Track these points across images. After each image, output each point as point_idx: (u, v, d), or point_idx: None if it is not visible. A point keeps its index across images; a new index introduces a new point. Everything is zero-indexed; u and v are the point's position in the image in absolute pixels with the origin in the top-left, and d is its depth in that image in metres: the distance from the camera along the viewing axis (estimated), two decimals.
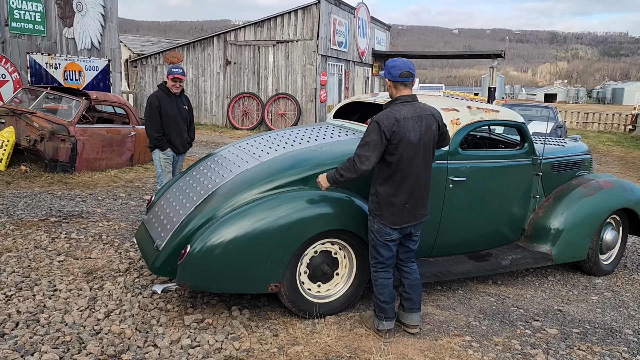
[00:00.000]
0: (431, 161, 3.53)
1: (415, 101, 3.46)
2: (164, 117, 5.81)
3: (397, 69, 3.41)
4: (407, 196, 3.43)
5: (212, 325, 3.69)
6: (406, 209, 3.44)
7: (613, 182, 5.13)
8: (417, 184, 3.44)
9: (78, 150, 8.07)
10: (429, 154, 3.50)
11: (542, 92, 76.37)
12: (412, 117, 3.38)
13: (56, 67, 10.11)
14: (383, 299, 3.55)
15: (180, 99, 5.99)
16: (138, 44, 19.98)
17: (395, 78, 3.42)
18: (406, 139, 3.34)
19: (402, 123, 3.33)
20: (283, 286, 3.68)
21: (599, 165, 12.92)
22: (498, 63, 19.38)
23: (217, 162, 4.41)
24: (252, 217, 3.54)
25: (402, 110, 3.37)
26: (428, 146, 3.46)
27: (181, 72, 5.87)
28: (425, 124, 3.43)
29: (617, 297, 4.64)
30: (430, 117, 3.46)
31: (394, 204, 3.43)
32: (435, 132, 3.50)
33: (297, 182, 3.80)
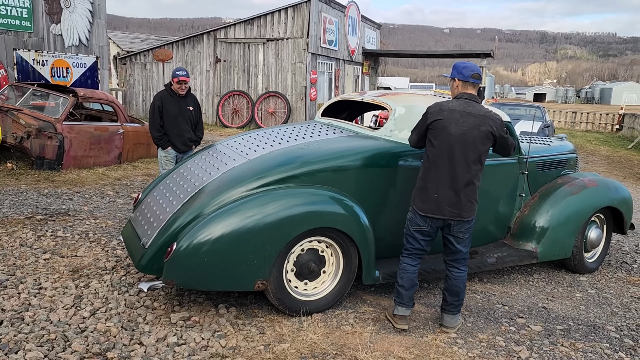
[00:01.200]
0: (474, 163, 3.51)
1: (473, 101, 3.58)
2: (165, 117, 5.85)
3: (469, 69, 3.61)
4: (437, 186, 3.52)
5: (198, 323, 3.69)
6: (435, 199, 3.53)
7: (598, 181, 5.19)
8: (451, 178, 3.50)
9: (65, 148, 8.01)
10: (472, 154, 3.50)
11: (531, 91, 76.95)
12: (459, 111, 3.50)
13: (43, 64, 10.03)
14: (401, 283, 3.71)
15: (185, 100, 5.99)
16: (127, 41, 19.85)
17: (467, 78, 3.60)
18: (446, 130, 3.47)
19: (446, 113, 3.50)
20: (270, 284, 3.69)
21: (586, 165, 13.05)
22: (487, 63, 19.50)
23: (205, 160, 4.41)
24: (238, 215, 3.55)
25: (452, 103, 3.57)
26: (471, 145, 3.48)
27: (185, 74, 5.89)
28: (473, 122, 3.48)
29: (601, 295, 4.69)
30: (482, 118, 3.51)
31: (425, 190, 3.57)
32: (485, 134, 3.49)
33: (285, 180, 3.80)
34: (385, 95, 4.70)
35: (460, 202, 3.53)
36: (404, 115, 4.31)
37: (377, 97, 4.65)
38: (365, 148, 4.11)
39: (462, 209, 3.55)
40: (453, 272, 3.74)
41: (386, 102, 4.50)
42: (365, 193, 4.02)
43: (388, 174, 4.09)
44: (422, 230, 3.64)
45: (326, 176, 3.90)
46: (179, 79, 5.83)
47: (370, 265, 3.98)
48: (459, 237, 3.64)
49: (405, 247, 3.76)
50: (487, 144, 3.55)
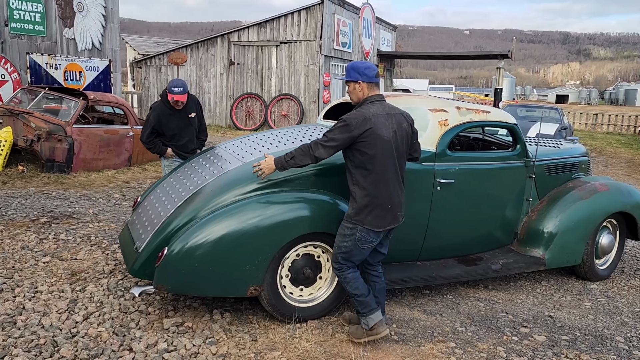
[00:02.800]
0: (405, 161, 3.49)
1: (383, 101, 3.45)
2: (166, 132, 5.35)
3: (372, 69, 3.41)
4: (389, 196, 3.35)
5: (191, 329, 3.63)
6: (390, 210, 3.36)
7: (610, 185, 5.01)
8: (396, 183, 3.38)
9: (75, 151, 8.06)
10: (404, 153, 3.45)
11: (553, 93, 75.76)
12: (382, 115, 3.34)
13: (56, 68, 10.13)
14: (360, 292, 3.44)
15: (186, 108, 5.37)
16: (143, 45, 20.04)
17: (372, 79, 3.41)
18: (380, 137, 3.28)
19: (373, 120, 3.29)
20: (263, 290, 3.61)
21: (605, 168, 12.74)
22: (505, 64, 19.17)
23: (202, 163, 4.35)
24: (230, 220, 3.48)
25: (370, 109, 3.34)
26: (402, 145, 3.41)
27: (181, 91, 5.15)
28: (396, 121, 3.38)
29: (612, 303, 4.52)
30: (399, 115, 3.43)
31: (377, 206, 3.33)
32: (407, 130, 3.45)
33: (279, 184, 3.73)
34: (387, 97, 4.58)
35: (402, 203, 3.47)
36: None
37: None
38: None
39: (403, 209, 3.49)
40: (379, 270, 3.61)
41: None
42: None
43: None
44: (374, 245, 3.44)
45: (321, 180, 3.81)
46: (172, 98, 5.16)
47: None
48: (389, 238, 3.58)
49: (347, 266, 3.43)
50: (409, 139, 3.48)
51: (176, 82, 5.23)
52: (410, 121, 3.50)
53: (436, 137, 4.13)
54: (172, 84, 5.21)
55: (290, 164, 3.44)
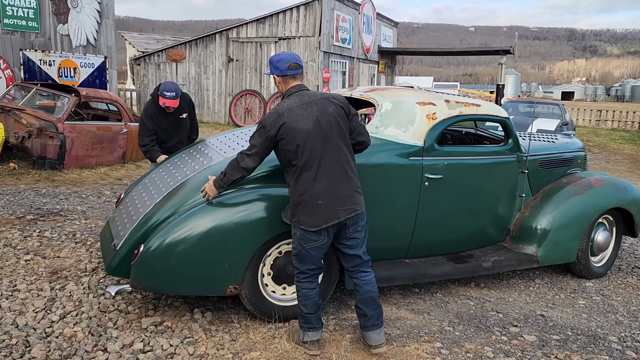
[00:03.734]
0: (344, 147, 3.16)
1: (302, 90, 3.23)
2: (159, 134, 5.14)
3: (284, 62, 3.21)
4: (318, 191, 3.07)
5: (170, 329, 3.53)
6: (321, 206, 3.07)
7: (605, 180, 4.87)
8: (327, 175, 3.08)
9: (67, 147, 7.98)
10: (337, 139, 3.13)
11: (559, 89, 75.22)
12: (298, 106, 3.12)
13: (50, 64, 10.06)
14: (307, 311, 3.23)
15: (177, 109, 5.14)
16: (143, 42, 19.96)
17: (284, 72, 3.22)
18: (296, 130, 3.06)
19: (286, 115, 3.09)
20: (243, 288, 3.51)
21: (606, 164, 12.56)
22: (507, 60, 19.00)
23: (184, 159, 4.26)
24: (208, 216, 3.38)
25: (285, 103, 3.16)
26: (332, 131, 3.11)
27: (174, 95, 4.91)
28: (318, 109, 3.12)
29: (607, 302, 4.39)
30: (323, 101, 3.16)
31: (307, 203, 3.08)
32: (336, 113, 3.14)
33: (258, 180, 3.62)
34: (374, 90, 4.48)
35: (346, 196, 3.11)
36: (391, 111, 4.09)
37: (366, 93, 4.43)
38: None
39: (352, 201, 3.13)
40: (361, 277, 3.25)
41: (373, 97, 4.28)
42: None
43: (372, 172, 3.87)
44: (318, 246, 3.16)
45: None
46: (164, 103, 4.93)
47: None
48: (357, 237, 3.20)
49: (298, 270, 3.24)
50: (344, 122, 3.18)
51: (169, 86, 4.95)
52: (340, 103, 3.19)
53: (424, 131, 4.00)
54: (164, 87, 4.95)
55: (225, 181, 3.32)
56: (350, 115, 3.24)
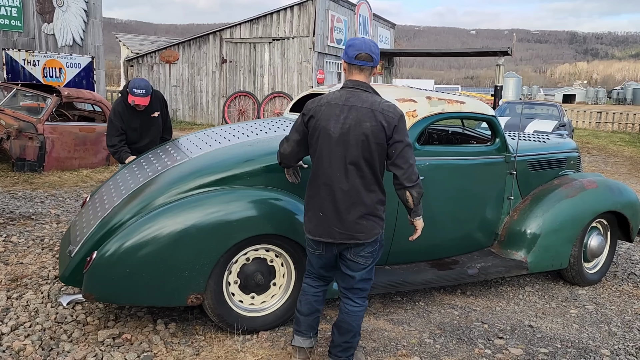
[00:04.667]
0: (366, 169, 2.70)
1: (358, 89, 2.73)
2: (128, 133, 4.86)
3: (354, 48, 2.74)
4: (320, 201, 2.77)
5: (128, 341, 3.29)
6: (320, 218, 2.78)
7: (598, 182, 4.62)
8: (332, 192, 2.73)
9: (47, 149, 7.76)
10: (358, 159, 2.68)
11: (560, 92, 74.89)
12: (338, 104, 2.70)
13: (35, 64, 9.84)
14: (299, 307, 3.06)
15: (148, 107, 4.87)
16: (137, 44, 19.77)
17: (351, 59, 2.75)
18: (324, 130, 2.71)
19: (323, 108, 2.73)
20: (206, 298, 3.27)
21: (605, 166, 12.30)
22: (504, 61, 18.74)
23: (150, 160, 4.02)
24: (166, 220, 3.14)
25: (331, 95, 2.77)
26: (357, 149, 2.66)
27: (143, 93, 4.65)
28: (354, 118, 2.66)
29: (600, 311, 4.14)
30: (365, 112, 2.66)
31: (310, 207, 2.84)
32: (372, 134, 2.64)
33: (225, 181, 3.38)
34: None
35: (349, 221, 2.73)
36: None
37: None
38: None
39: (355, 229, 2.73)
40: (346, 305, 2.91)
41: None
42: None
43: None
44: (317, 255, 2.91)
45: (273, 176, 3.46)
46: (134, 101, 4.63)
47: None
48: (358, 262, 2.83)
49: (308, 267, 3.08)
50: (378, 144, 2.67)
51: (138, 82, 4.70)
52: (385, 122, 2.65)
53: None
54: (133, 84, 4.67)
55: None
56: (392, 140, 2.68)
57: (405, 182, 2.71)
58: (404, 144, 2.70)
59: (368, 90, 2.75)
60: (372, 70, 2.82)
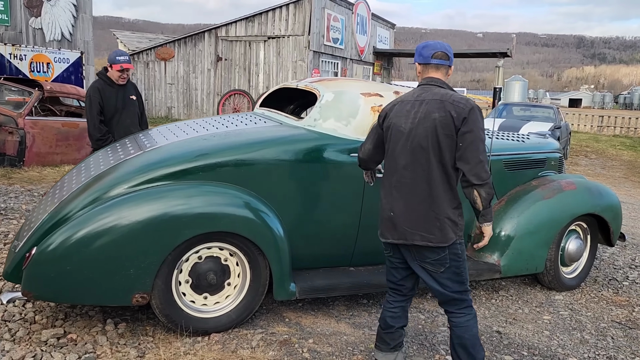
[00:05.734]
0: (436, 164, 2.55)
1: (432, 84, 2.67)
2: (106, 112, 4.88)
3: (429, 48, 2.71)
4: (392, 201, 2.66)
5: (73, 342, 3.15)
6: (392, 219, 2.66)
7: (577, 183, 4.44)
8: (402, 190, 2.61)
9: (27, 144, 7.65)
10: (428, 153, 2.55)
11: (566, 96, 74.51)
12: (412, 101, 2.66)
13: (21, 58, 9.73)
14: (379, 322, 2.92)
15: (126, 88, 5.00)
16: (135, 41, 19.68)
17: (427, 59, 2.70)
18: (396, 127, 2.66)
19: (396, 107, 2.71)
20: (154, 297, 3.13)
21: (601, 170, 12.11)
22: (504, 62, 18.57)
23: (107, 153, 3.88)
24: (110, 216, 3.00)
25: (405, 94, 2.77)
26: (425, 143, 2.55)
27: (128, 59, 4.88)
28: (424, 111, 2.57)
29: (574, 317, 3.97)
30: (435, 103, 2.56)
31: (382, 208, 2.75)
32: (441, 124, 2.52)
33: (176, 175, 3.23)
34: (321, 80, 4.10)
35: (422, 221, 2.57)
36: (332, 102, 3.69)
37: (311, 83, 4.05)
38: (280, 139, 3.51)
39: (428, 229, 2.56)
40: (451, 319, 2.73)
41: (317, 87, 3.89)
42: (279, 192, 3.43)
43: (308, 170, 3.49)
44: (391, 259, 2.82)
45: (228, 171, 3.32)
46: (121, 67, 4.78)
47: (284, 277, 3.37)
48: (431, 270, 2.64)
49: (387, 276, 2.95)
50: (447, 136, 2.52)
51: (119, 51, 4.95)
52: (454, 111, 2.52)
53: (368, 125, 3.61)
54: (115, 53, 4.88)
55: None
56: (461, 132, 2.52)
57: (473, 179, 2.52)
58: (474, 136, 2.52)
59: (443, 86, 2.68)
60: (448, 70, 2.74)
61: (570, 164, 13.01)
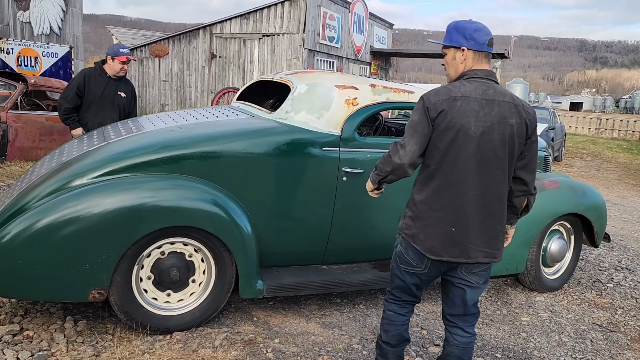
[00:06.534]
0: (506, 176, 2.34)
1: (490, 80, 2.36)
2: (86, 99, 4.90)
3: (483, 33, 2.37)
4: (454, 215, 2.32)
5: (29, 339, 3.04)
6: (452, 235, 2.32)
7: (561, 182, 4.32)
8: (470, 203, 2.31)
9: (9, 138, 7.53)
10: (501, 163, 2.31)
11: (567, 100, 74.29)
12: (477, 99, 2.28)
13: (8, 52, 9.61)
14: (386, 338, 2.63)
15: (118, 84, 5.02)
16: (130, 38, 19.57)
17: (482, 46, 2.36)
18: (459, 127, 2.26)
19: (458, 103, 2.27)
20: (112, 294, 3.01)
21: (595, 172, 11.99)
22: (502, 64, 18.50)
23: (82, 141, 3.77)
24: (64, 208, 2.88)
25: (463, 87, 2.32)
26: (499, 150, 2.29)
27: (129, 52, 5.02)
28: (498, 114, 2.28)
29: (554, 319, 3.85)
30: (508, 106, 2.30)
31: (434, 222, 2.35)
32: (517, 131, 2.29)
33: (136, 167, 3.11)
34: (297, 73, 3.98)
35: (490, 237, 2.34)
36: (304, 94, 3.58)
37: (286, 75, 3.94)
38: (248, 132, 3.39)
39: (494, 245, 2.36)
40: (455, 336, 2.54)
41: (291, 79, 3.78)
42: (246, 186, 3.31)
43: (277, 163, 3.37)
44: (416, 273, 2.47)
45: (192, 164, 3.20)
46: (127, 58, 4.92)
47: (251, 274, 3.25)
48: (472, 284, 2.44)
49: (389, 287, 2.66)
50: (520, 144, 2.33)
51: (121, 45, 5.02)
52: (527, 118, 2.33)
53: (341, 118, 3.50)
54: (118, 46, 4.98)
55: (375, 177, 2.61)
56: (530, 141, 2.36)
57: (533, 189, 2.44)
58: (537, 145, 2.40)
59: (497, 80, 2.40)
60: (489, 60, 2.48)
61: (564, 165, 12.90)
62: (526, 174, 2.39)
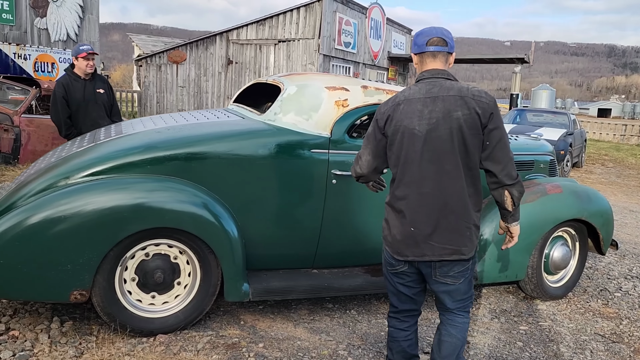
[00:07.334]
0: (463, 169, 2.29)
1: (439, 78, 2.35)
2: (72, 106, 5.01)
3: (424, 35, 2.39)
4: (411, 214, 2.33)
5: (14, 338, 3.04)
6: (413, 235, 2.33)
7: (564, 187, 4.18)
8: (426, 201, 2.30)
9: (22, 142, 7.66)
10: (454, 157, 2.28)
11: (595, 106, 72.87)
12: (420, 99, 2.31)
13: (26, 58, 9.81)
14: (390, 357, 2.63)
15: (94, 83, 5.11)
16: (150, 44, 19.87)
17: (422, 48, 2.38)
18: (403, 129, 2.30)
19: (401, 106, 2.32)
20: (94, 295, 3.00)
21: (616, 178, 11.66)
22: (521, 68, 18.20)
23: (66, 145, 3.80)
24: (47, 209, 2.88)
25: (408, 91, 2.38)
26: (450, 145, 2.26)
27: (90, 48, 5.04)
28: (442, 109, 2.27)
29: (554, 329, 3.71)
30: (453, 100, 2.27)
31: (397, 223, 2.38)
32: (466, 122, 2.26)
33: (121, 168, 3.10)
34: (290, 74, 3.95)
35: (453, 233, 2.33)
36: (293, 96, 3.53)
37: (279, 77, 3.91)
38: (235, 133, 3.37)
39: (459, 242, 2.33)
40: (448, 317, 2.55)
41: (282, 81, 3.74)
42: (233, 188, 3.27)
43: (264, 165, 3.32)
44: (398, 273, 2.47)
45: (178, 166, 3.18)
46: (87, 53, 4.91)
47: (236, 277, 3.21)
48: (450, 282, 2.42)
49: (389, 303, 2.65)
50: (474, 135, 2.28)
51: (81, 43, 5.28)
52: (478, 107, 2.27)
53: (331, 120, 3.44)
54: (78, 45, 5.06)
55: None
56: (487, 130, 2.29)
57: (505, 179, 2.31)
58: (501, 133, 2.30)
59: (450, 77, 2.37)
60: (448, 58, 2.42)
61: (584, 172, 12.59)
62: (492, 164, 2.30)
